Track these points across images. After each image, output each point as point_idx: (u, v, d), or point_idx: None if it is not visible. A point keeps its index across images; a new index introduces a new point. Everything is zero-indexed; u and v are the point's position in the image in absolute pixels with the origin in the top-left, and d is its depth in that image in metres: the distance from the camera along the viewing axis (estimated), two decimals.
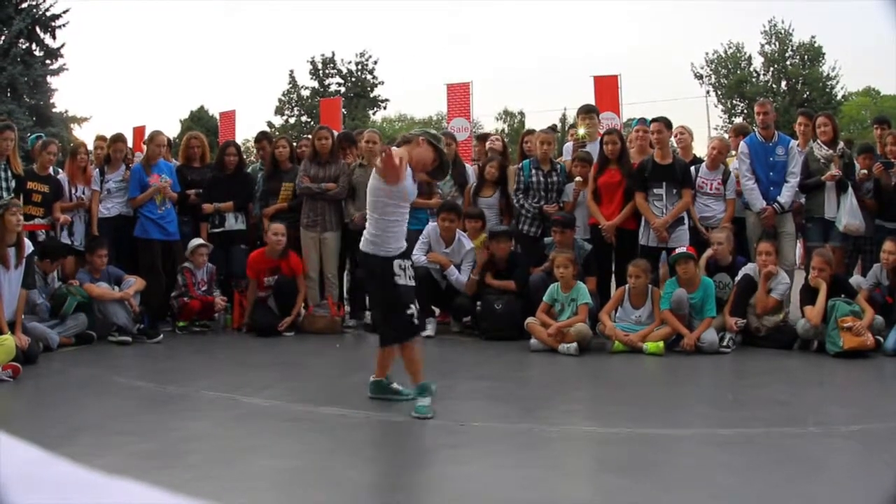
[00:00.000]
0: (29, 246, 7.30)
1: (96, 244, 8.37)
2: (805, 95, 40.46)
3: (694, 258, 7.69)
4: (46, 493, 0.65)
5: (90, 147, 9.56)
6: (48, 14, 28.48)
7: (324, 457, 4.24)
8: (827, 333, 7.24)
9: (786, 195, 8.32)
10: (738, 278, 7.81)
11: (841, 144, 8.57)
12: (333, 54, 46.20)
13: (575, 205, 8.75)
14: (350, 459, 4.18)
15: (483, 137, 11.19)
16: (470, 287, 8.31)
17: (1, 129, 8.16)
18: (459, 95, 19.24)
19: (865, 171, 8.22)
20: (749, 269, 7.81)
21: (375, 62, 45.94)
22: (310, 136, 9.72)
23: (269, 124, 44.01)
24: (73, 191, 8.74)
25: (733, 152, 9.25)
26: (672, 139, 9.14)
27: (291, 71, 46.63)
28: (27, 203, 7.98)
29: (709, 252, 8.09)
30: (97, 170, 9.01)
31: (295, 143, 9.98)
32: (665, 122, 8.50)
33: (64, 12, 28.68)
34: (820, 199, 8.33)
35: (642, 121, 9.49)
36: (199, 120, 42.47)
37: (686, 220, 8.26)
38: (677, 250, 7.74)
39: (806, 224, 8.63)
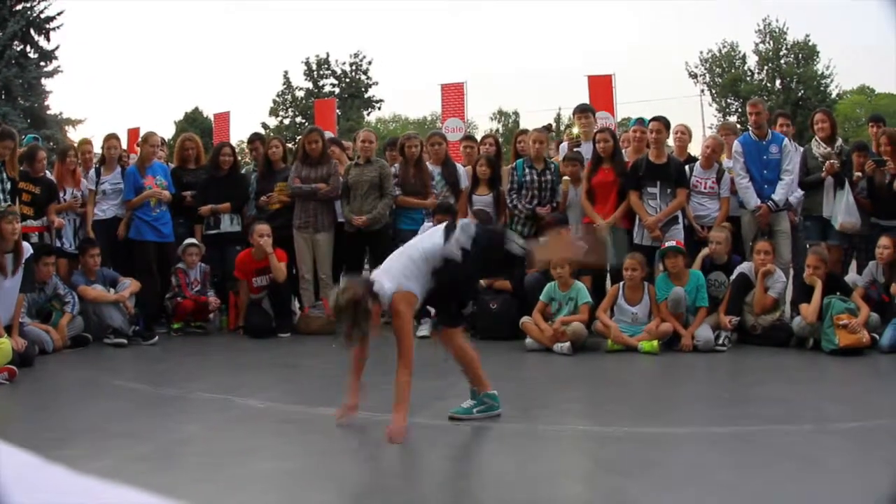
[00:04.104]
0: (28, 250, 7.28)
1: (88, 244, 8.36)
2: (799, 94, 40.62)
3: (683, 252, 7.71)
4: (41, 499, 0.65)
5: (97, 150, 9.57)
6: (42, 16, 28.42)
7: (321, 458, 4.24)
8: (823, 331, 7.25)
9: (780, 193, 8.33)
10: (733, 277, 7.83)
11: (839, 141, 8.58)
12: (328, 55, 46.29)
13: (566, 204, 8.75)
14: (347, 460, 4.18)
15: (468, 138, 11.22)
16: None
17: (3, 137, 8.12)
18: (453, 95, 19.23)
19: (860, 174, 8.23)
20: (744, 267, 7.82)
21: (370, 63, 46.06)
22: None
23: (264, 125, 44.01)
24: (62, 193, 8.70)
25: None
26: (671, 138, 9.15)
27: (286, 72, 46.75)
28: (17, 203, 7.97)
29: (705, 251, 8.11)
30: (93, 171, 9.01)
31: (290, 144, 9.97)
32: (665, 122, 8.53)
33: (58, 14, 28.68)
34: (818, 197, 8.35)
35: (640, 121, 9.50)
36: (193, 121, 42.47)
37: (681, 219, 8.28)
38: (666, 244, 7.78)
39: (804, 222, 8.64)
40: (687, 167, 8.56)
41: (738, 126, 15.46)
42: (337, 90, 44.78)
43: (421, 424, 4.86)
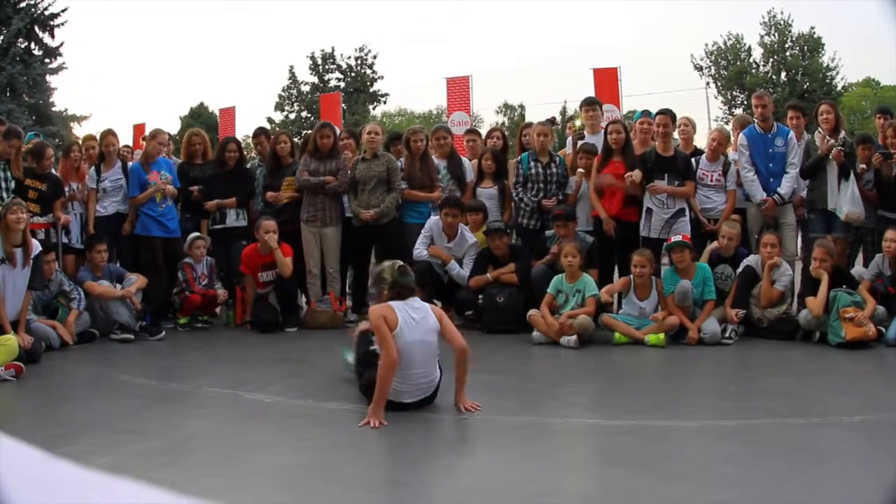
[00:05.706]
0: (37, 246, 7.28)
1: (94, 240, 8.38)
2: (805, 86, 40.48)
3: (689, 247, 7.69)
4: (47, 494, 0.65)
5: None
6: (47, 13, 28.53)
7: (327, 452, 4.24)
8: (829, 324, 7.24)
9: (786, 186, 8.32)
10: (739, 269, 7.81)
11: (842, 133, 8.54)
12: (333, 49, 46.24)
13: (577, 197, 8.73)
14: (354, 454, 4.18)
15: (472, 132, 11.20)
16: (478, 283, 8.29)
17: (9, 135, 8.13)
18: (459, 89, 19.25)
19: (864, 166, 8.18)
20: (751, 260, 7.80)
21: (375, 57, 46.01)
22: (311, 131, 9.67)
23: (270, 120, 44.01)
24: (66, 189, 8.71)
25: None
26: (675, 130, 9.14)
27: (291, 66, 46.70)
28: (23, 200, 7.97)
29: (714, 244, 8.10)
30: (93, 168, 8.99)
31: (297, 139, 9.95)
32: (671, 115, 8.52)
33: (62, 11, 28.78)
34: (823, 189, 8.30)
35: (646, 113, 9.47)
36: (198, 117, 42.58)
37: (687, 212, 8.26)
38: (672, 239, 7.77)
39: (809, 215, 8.61)
40: (693, 160, 8.54)
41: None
42: (342, 84, 44.75)
43: (427, 418, 4.87)
